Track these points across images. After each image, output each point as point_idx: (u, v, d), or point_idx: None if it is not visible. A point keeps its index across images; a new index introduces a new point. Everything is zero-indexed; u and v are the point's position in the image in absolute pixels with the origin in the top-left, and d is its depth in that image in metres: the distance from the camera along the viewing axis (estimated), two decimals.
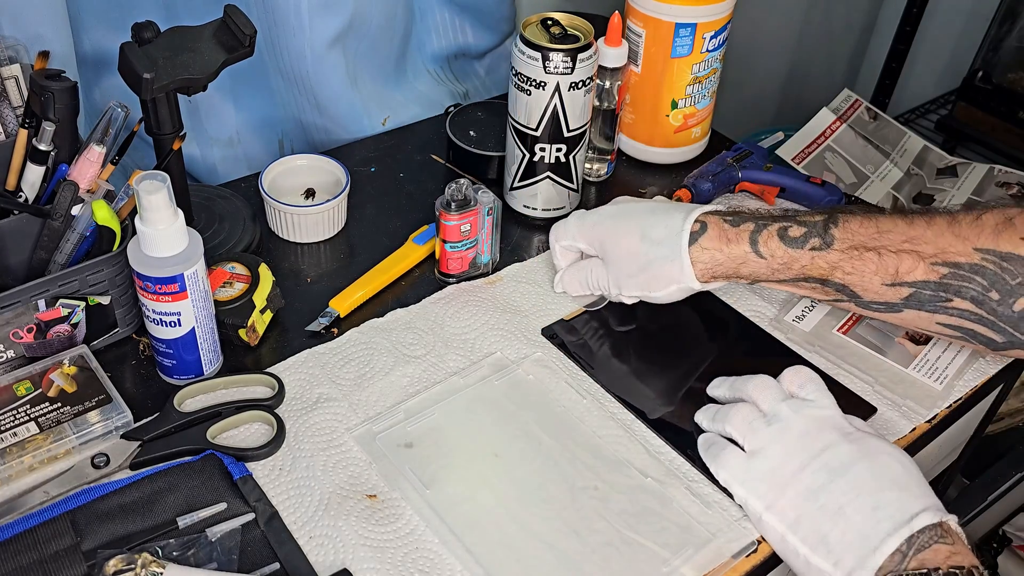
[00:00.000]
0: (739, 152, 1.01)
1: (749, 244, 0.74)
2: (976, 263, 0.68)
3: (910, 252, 0.70)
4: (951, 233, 0.69)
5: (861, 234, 0.71)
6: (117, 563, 0.60)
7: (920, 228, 0.70)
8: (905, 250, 0.70)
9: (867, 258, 0.71)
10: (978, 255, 0.68)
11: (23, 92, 0.80)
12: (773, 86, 1.78)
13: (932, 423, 0.77)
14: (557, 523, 0.67)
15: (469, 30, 1.17)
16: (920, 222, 0.70)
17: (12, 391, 0.71)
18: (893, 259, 0.70)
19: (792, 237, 0.73)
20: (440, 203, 0.83)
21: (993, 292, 0.68)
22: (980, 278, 0.68)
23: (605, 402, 0.76)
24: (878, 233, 0.71)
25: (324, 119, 1.06)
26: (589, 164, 1.01)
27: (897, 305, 0.72)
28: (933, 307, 0.71)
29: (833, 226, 0.72)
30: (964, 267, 0.69)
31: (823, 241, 0.72)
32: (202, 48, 0.77)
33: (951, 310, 0.70)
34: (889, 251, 0.70)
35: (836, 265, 0.72)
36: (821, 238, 0.72)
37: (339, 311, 0.83)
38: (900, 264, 0.70)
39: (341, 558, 0.64)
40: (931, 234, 0.69)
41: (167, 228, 0.67)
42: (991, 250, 0.68)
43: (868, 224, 0.71)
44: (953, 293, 0.69)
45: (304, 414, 0.74)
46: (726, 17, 0.97)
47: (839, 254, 0.71)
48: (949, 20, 1.77)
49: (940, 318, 0.71)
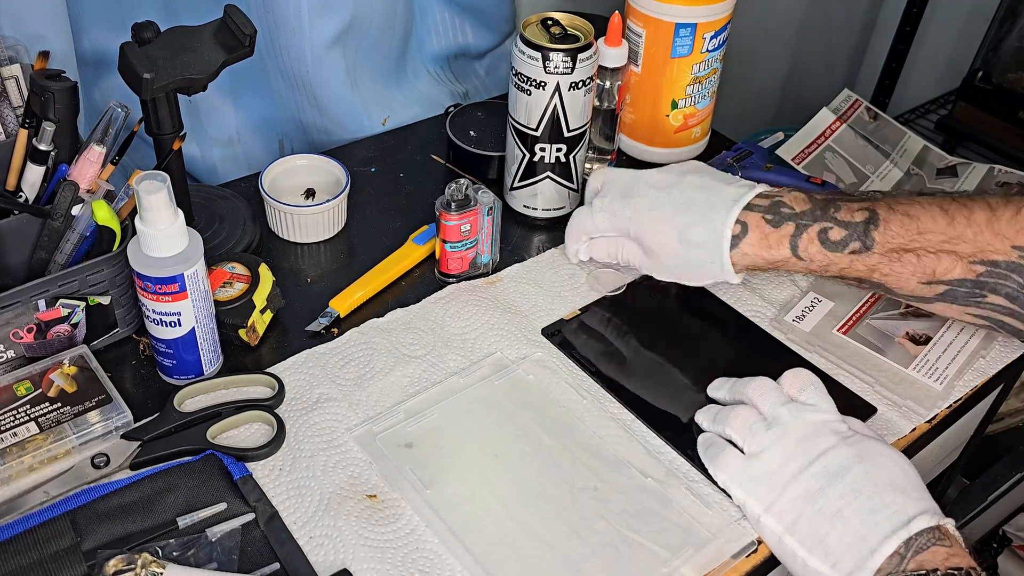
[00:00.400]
0: (739, 152, 1.01)
1: (790, 249, 0.74)
2: (1014, 261, 0.69)
3: (949, 252, 0.70)
4: (990, 231, 0.69)
5: (901, 236, 0.71)
6: (117, 563, 0.60)
7: (960, 226, 0.70)
8: (944, 250, 0.70)
9: (906, 259, 0.71)
10: (1016, 253, 0.69)
11: (23, 92, 0.80)
12: (773, 86, 1.78)
13: (932, 423, 0.76)
14: (557, 523, 0.67)
15: (469, 30, 1.17)
16: (960, 219, 0.70)
17: (12, 391, 0.71)
18: (932, 260, 0.70)
19: (833, 241, 0.73)
20: (440, 203, 0.83)
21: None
22: (1017, 275, 0.69)
23: (605, 402, 0.76)
24: (918, 234, 0.71)
25: (324, 119, 1.06)
26: (589, 164, 1.01)
27: (930, 299, 0.73)
28: (966, 302, 0.71)
29: (874, 228, 0.71)
30: (1001, 265, 0.69)
31: (863, 244, 0.72)
32: (202, 48, 0.77)
33: (984, 304, 0.71)
34: (928, 252, 0.70)
35: (874, 267, 0.72)
36: (861, 241, 0.72)
37: (339, 311, 0.83)
38: (938, 265, 0.70)
39: (341, 558, 0.64)
40: (971, 233, 0.70)
41: (167, 228, 0.67)
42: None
43: (909, 225, 0.71)
44: (989, 290, 0.70)
45: (304, 414, 0.74)
46: (726, 17, 0.97)
47: (878, 257, 0.72)
48: (949, 20, 1.77)
49: (971, 310, 0.72)
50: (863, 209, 0.73)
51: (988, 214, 0.70)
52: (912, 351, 0.81)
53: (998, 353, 0.82)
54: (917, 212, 0.71)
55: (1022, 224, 0.69)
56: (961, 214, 0.71)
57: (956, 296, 0.71)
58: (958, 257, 0.70)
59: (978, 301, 0.71)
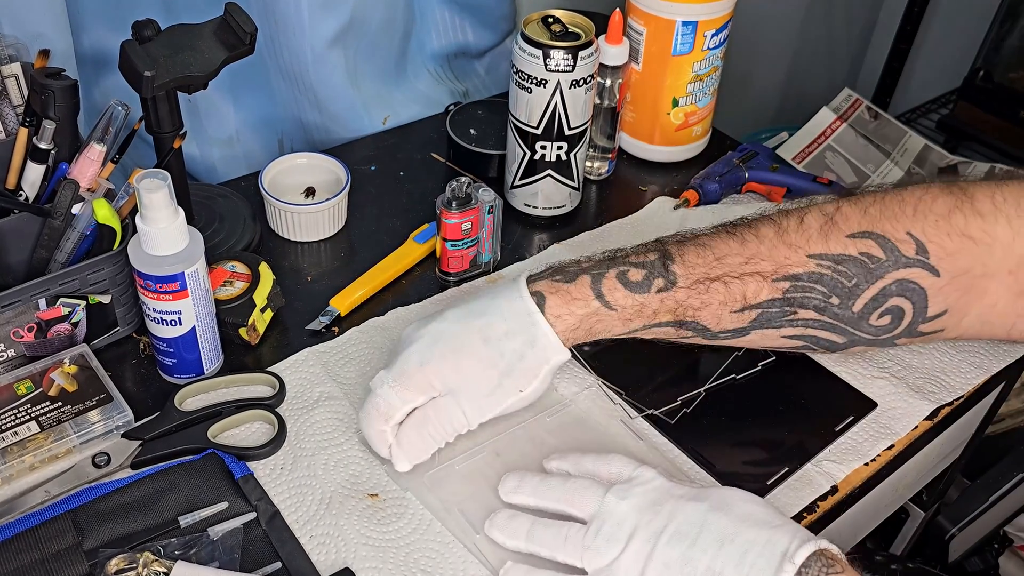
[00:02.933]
0: (745, 153, 1.01)
1: (595, 297, 0.67)
2: (813, 271, 0.67)
3: (752, 274, 0.68)
4: (783, 243, 0.68)
5: (701, 265, 0.68)
6: (119, 562, 0.60)
7: (752, 245, 0.68)
8: (747, 272, 0.68)
9: (713, 289, 0.68)
10: (813, 262, 0.67)
11: (23, 91, 0.79)
12: (774, 84, 1.78)
13: (933, 422, 0.76)
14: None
15: (469, 29, 1.16)
16: (750, 237, 0.68)
17: (13, 390, 0.71)
18: (739, 285, 0.68)
19: (635, 282, 0.68)
20: (441, 201, 0.83)
21: (833, 297, 0.68)
22: (820, 286, 0.67)
23: (608, 400, 0.76)
24: (716, 260, 0.68)
25: (324, 118, 1.06)
26: (590, 162, 1.01)
27: (745, 329, 0.70)
28: (779, 323, 0.69)
29: (671, 262, 0.68)
30: (803, 277, 0.67)
31: (667, 280, 0.68)
32: (203, 46, 0.77)
33: (796, 321, 0.69)
34: (732, 277, 0.68)
35: (685, 303, 0.68)
36: (664, 277, 0.68)
37: (340, 310, 0.83)
38: (746, 289, 0.68)
39: (343, 557, 0.64)
40: (765, 249, 0.68)
41: (168, 227, 0.67)
42: (824, 255, 0.67)
43: (704, 253, 0.68)
44: (797, 305, 0.68)
45: (305, 413, 0.74)
46: (727, 15, 0.97)
47: (686, 291, 0.68)
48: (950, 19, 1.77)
49: (786, 331, 0.70)
50: (652, 250, 0.70)
51: (775, 228, 0.68)
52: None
53: (998, 352, 0.82)
54: (706, 240, 0.69)
55: (809, 231, 0.68)
56: (749, 232, 0.69)
57: (770, 318, 0.69)
58: (762, 277, 0.67)
59: (790, 320, 0.69)
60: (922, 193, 0.68)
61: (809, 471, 0.72)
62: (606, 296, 0.68)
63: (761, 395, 0.77)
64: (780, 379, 0.78)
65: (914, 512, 1.13)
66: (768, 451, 0.73)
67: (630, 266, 0.68)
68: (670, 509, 0.60)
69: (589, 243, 0.93)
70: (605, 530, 0.60)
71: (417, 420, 0.67)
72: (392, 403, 0.66)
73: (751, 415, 0.76)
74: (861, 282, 0.67)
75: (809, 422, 0.75)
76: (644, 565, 0.58)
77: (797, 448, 0.73)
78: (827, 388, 0.78)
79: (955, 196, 0.68)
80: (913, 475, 0.87)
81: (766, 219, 0.70)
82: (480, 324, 0.67)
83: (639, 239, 0.93)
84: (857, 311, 0.68)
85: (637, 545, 0.59)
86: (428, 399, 0.67)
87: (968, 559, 1.24)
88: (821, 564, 0.55)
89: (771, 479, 0.70)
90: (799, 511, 0.69)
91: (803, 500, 0.70)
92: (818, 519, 0.70)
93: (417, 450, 0.67)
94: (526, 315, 0.67)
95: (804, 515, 0.69)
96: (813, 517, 0.69)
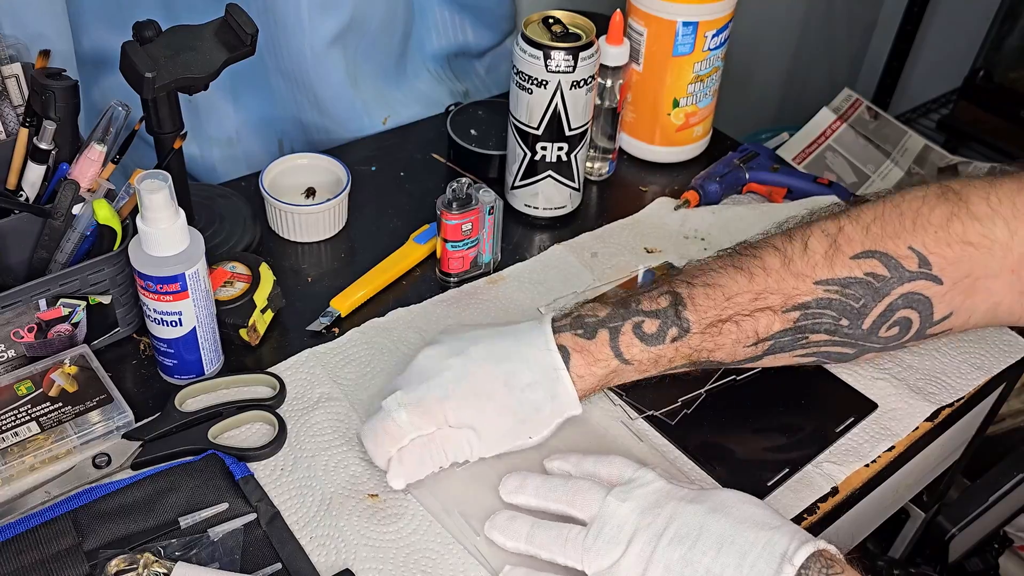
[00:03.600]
0: (746, 153, 1.01)
1: (614, 356, 0.69)
2: (821, 297, 0.68)
3: (763, 310, 0.68)
4: (790, 274, 0.68)
5: (712, 308, 0.69)
6: (119, 563, 0.60)
7: (760, 280, 0.69)
8: (758, 308, 0.68)
9: (726, 330, 0.69)
10: (820, 289, 0.68)
11: (24, 91, 0.79)
12: (774, 85, 1.78)
13: (934, 423, 0.76)
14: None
15: (469, 29, 1.16)
16: (757, 271, 0.69)
17: (13, 391, 0.71)
18: (750, 323, 0.69)
19: (650, 335, 0.69)
20: (441, 202, 0.83)
21: (843, 320, 0.69)
22: (829, 311, 0.68)
23: (610, 401, 0.76)
24: (727, 301, 0.69)
25: (324, 118, 1.06)
26: (590, 163, 1.01)
27: (759, 356, 0.71)
28: (792, 348, 0.70)
29: (683, 308, 0.69)
30: (811, 305, 0.68)
31: (680, 328, 0.69)
32: (203, 47, 0.77)
33: (808, 344, 0.70)
34: (743, 315, 0.68)
35: (699, 348, 0.69)
36: (678, 327, 0.69)
37: (340, 310, 0.83)
38: (758, 325, 0.69)
39: (343, 558, 0.64)
40: (773, 282, 0.68)
41: (168, 227, 0.67)
42: (830, 280, 0.68)
43: (714, 295, 0.69)
44: (809, 332, 0.69)
45: (305, 414, 0.74)
46: (728, 15, 0.97)
47: (700, 336, 0.69)
48: (951, 19, 1.77)
49: (798, 353, 0.71)
50: (663, 294, 0.70)
51: (779, 258, 0.69)
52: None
53: (999, 353, 0.82)
54: (715, 279, 0.69)
55: (814, 257, 0.69)
56: (756, 266, 0.69)
57: (782, 347, 0.70)
58: (772, 312, 0.68)
59: (803, 343, 0.70)
60: (919, 204, 0.69)
61: (809, 472, 0.72)
62: (624, 354, 0.69)
63: (761, 396, 0.77)
64: (780, 380, 0.78)
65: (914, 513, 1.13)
66: (768, 452, 0.73)
67: (644, 316, 0.69)
68: (670, 511, 0.60)
69: (590, 244, 0.93)
70: (606, 532, 0.60)
71: (423, 445, 0.67)
72: (404, 429, 0.67)
73: (751, 416, 0.76)
74: (869, 302, 0.68)
75: (809, 423, 0.75)
76: (645, 567, 0.58)
77: (797, 449, 0.73)
78: (827, 389, 0.77)
79: (951, 203, 0.69)
80: (913, 476, 0.87)
81: (769, 247, 0.70)
82: (505, 370, 0.68)
83: (639, 240, 0.93)
84: (867, 328, 0.70)
85: (638, 547, 0.59)
86: (438, 429, 0.67)
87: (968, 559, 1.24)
88: (820, 565, 0.55)
89: (771, 480, 0.70)
90: (799, 512, 0.69)
91: (803, 501, 0.70)
92: (818, 520, 0.70)
93: (416, 472, 0.67)
94: (552, 370, 0.68)
95: (804, 516, 0.69)
96: (814, 518, 0.69)
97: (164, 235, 0.67)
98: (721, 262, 0.71)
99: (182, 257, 0.69)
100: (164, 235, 0.67)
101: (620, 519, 0.60)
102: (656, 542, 0.58)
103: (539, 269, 0.89)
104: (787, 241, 0.70)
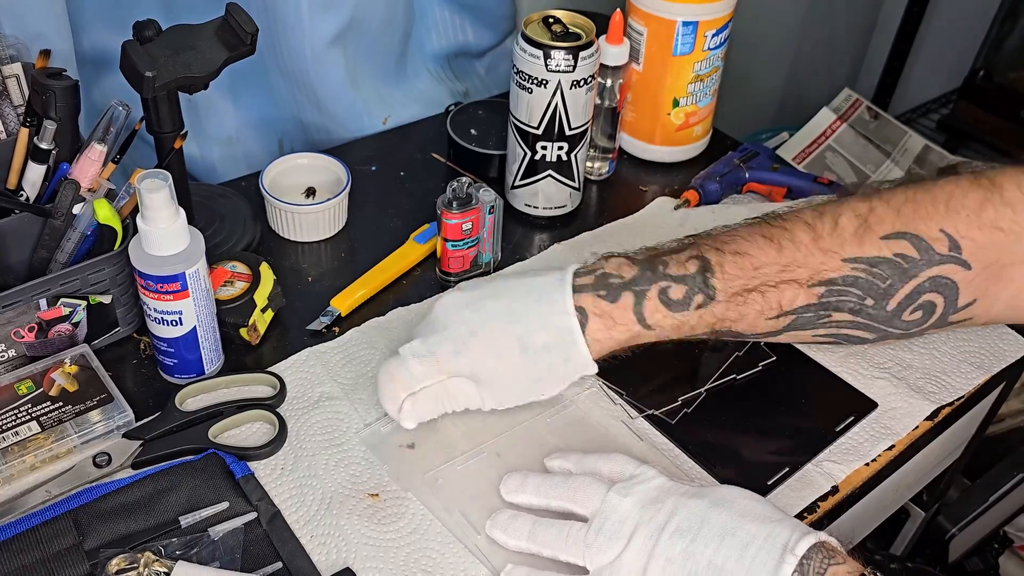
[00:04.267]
0: (746, 153, 1.01)
1: (636, 321, 0.68)
2: (848, 275, 0.68)
3: (788, 282, 0.68)
4: (818, 249, 0.68)
5: (740, 277, 0.68)
6: (120, 562, 0.60)
7: (789, 252, 0.68)
8: (784, 280, 0.68)
9: (751, 300, 0.69)
10: (848, 266, 0.68)
11: (24, 91, 0.79)
12: (774, 84, 1.78)
13: (934, 422, 0.76)
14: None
15: (469, 29, 1.17)
16: (786, 243, 0.69)
17: (13, 390, 0.71)
18: (775, 294, 0.69)
19: (676, 300, 0.68)
20: (441, 202, 0.83)
21: (868, 299, 0.69)
22: (855, 289, 0.68)
23: (609, 401, 0.76)
24: (754, 271, 0.68)
25: (324, 118, 1.06)
26: (590, 162, 1.01)
27: (778, 332, 0.71)
28: (813, 325, 0.70)
29: (711, 275, 0.68)
30: (838, 281, 0.68)
31: (706, 296, 0.68)
32: (203, 46, 0.77)
33: (829, 323, 0.70)
34: (769, 286, 0.68)
35: (723, 316, 0.69)
36: (704, 293, 0.68)
37: (340, 310, 0.83)
38: (782, 297, 0.69)
39: (344, 557, 0.64)
40: (801, 255, 0.68)
41: (169, 227, 0.67)
42: (858, 258, 0.68)
43: (742, 263, 0.68)
44: (832, 309, 0.69)
45: (306, 413, 0.74)
46: (728, 15, 0.97)
47: (724, 304, 0.69)
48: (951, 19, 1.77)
49: (818, 331, 0.71)
50: (692, 258, 0.69)
51: (810, 232, 0.69)
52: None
53: (999, 352, 0.82)
54: (745, 248, 0.69)
55: (844, 234, 0.68)
56: (785, 238, 0.69)
57: (804, 323, 0.70)
58: (798, 284, 0.68)
59: (824, 322, 0.70)
60: (952, 188, 0.69)
61: (809, 471, 0.72)
62: (647, 319, 0.68)
63: (761, 395, 0.77)
64: (780, 379, 0.78)
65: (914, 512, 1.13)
66: (768, 451, 0.73)
67: (671, 281, 0.69)
68: (671, 505, 0.60)
69: (590, 243, 0.93)
70: (607, 527, 0.60)
71: (436, 392, 0.69)
72: (417, 377, 0.68)
73: (751, 415, 0.76)
74: (896, 282, 0.68)
75: (809, 422, 0.75)
76: (647, 561, 0.58)
77: (797, 448, 0.73)
78: (827, 388, 0.78)
79: (984, 188, 0.69)
80: (913, 475, 0.87)
81: (800, 221, 0.70)
82: (520, 330, 0.68)
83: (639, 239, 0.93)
84: (891, 310, 0.70)
85: (639, 541, 0.59)
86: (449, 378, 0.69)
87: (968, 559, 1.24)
88: (822, 556, 0.56)
89: (771, 479, 0.70)
90: (799, 511, 0.69)
91: (803, 500, 0.70)
92: (818, 519, 0.70)
93: (428, 414, 0.70)
94: (567, 333, 0.68)
95: (804, 515, 0.69)
96: (814, 517, 0.69)
97: (164, 234, 0.67)
98: (750, 231, 0.71)
99: (182, 256, 0.69)
100: (164, 234, 0.67)
101: (621, 514, 0.60)
102: (658, 536, 0.58)
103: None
104: (817, 217, 0.70)
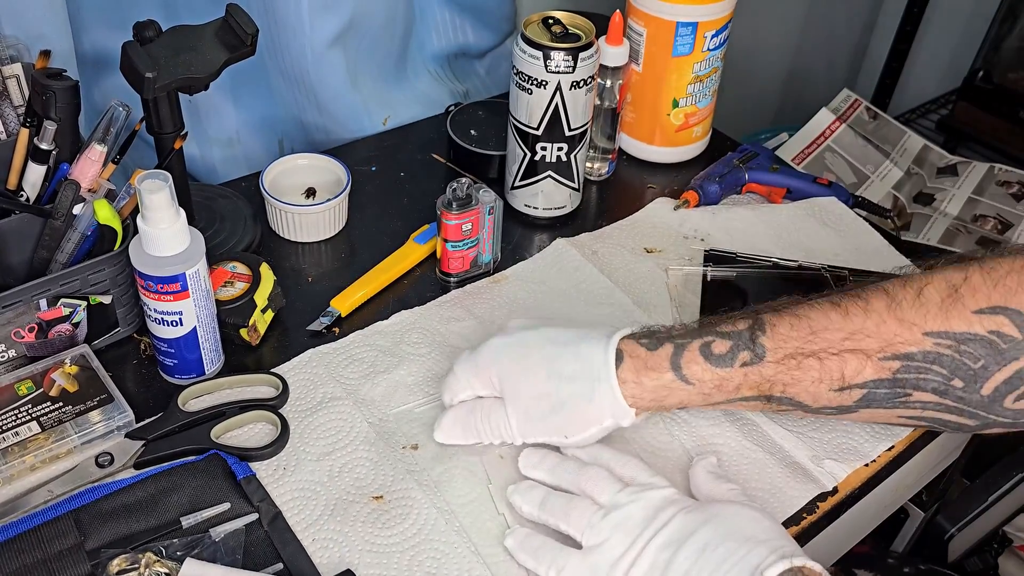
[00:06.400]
0: (745, 153, 1.01)
1: (672, 370, 0.65)
2: (930, 351, 0.61)
3: (853, 351, 0.62)
4: (894, 319, 0.62)
5: (794, 339, 0.63)
6: (121, 562, 0.60)
7: (858, 319, 0.63)
8: (847, 349, 0.62)
9: (807, 365, 0.63)
10: (930, 341, 0.61)
11: (24, 91, 0.79)
12: (774, 85, 1.78)
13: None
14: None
15: (469, 29, 1.17)
16: (856, 311, 0.63)
17: (13, 390, 0.71)
18: (836, 362, 0.63)
19: (718, 355, 0.64)
20: (441, 202, 0.83)
21: (956, 380, 0.62)
22: (938, 367, 0.61)
23: None
24: (812, 334, 0.63)
25: (324, 119, 1.06)
26: (590, 163, 1.01)
27: (852, 407, 0.65)
28: (891, 404, 0.64)
29: (761, 334, 0.64)
30: (917, 357, 0.62)
31: (753, 354, 0.64)
32: (204, 47, 0.77)
33: (912, 404, 0.63)
34: (830, 354, 0.63)
35: (773, 379, 0.64)
36: (751, 351, 0.64)
37: (340, 310, 0.83)
38: (845, 367, 0.63)
39: (346, 559, 0.64)
40: (871, 324, 0.62)
41: (169, 227, 0.67)
42: (944, 332, 0.61)
43: (799, 325, 0.64)
44: (911, 387, 0.63)
45: (308, 414, 0.74)
46: (727, 16, 0.97)
47: (774, 366, 0.63)
48: (950, 20, 1.77)
49: (901, 412, 0.65)
50: (745, 318, 0.66)
51: (886, 300, 0.63)
52: None
53: None
54: (805, 312, 0.64)
55: (927, 305, 0.61)
56: (856, 305, 0.63)
57: (878, 399, 0.64)
58: (865, 355, 0.62)
59: (904, 401, 0.63)
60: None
61: (810, 471, 0.72)
62: (683, 369, 0.65)
63: None
64: None
65: (914, 512, 1.13)
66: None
67: (716, 336, 0.65)
68: (668, 516, 0.61)
69: (589, 243, 0.93)
70: (612, 517, 0.61)
71: (468, 408, 0.70)
72: (460, 383, 0.70)
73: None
74: (990, 364, 0.61)
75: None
76: (632, 561, 0.59)
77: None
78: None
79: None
80: (913, 476, 0.87)
81: (879, 289, 0.64)
82: (552, 355, 0.67)
83: (639, 240, 0.94)
84: (986, 394, 0.62)
85: (630, 540, 0.60)
86: (490, 395, 0.69)
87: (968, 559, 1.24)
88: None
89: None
90: (799, 511, 0.69)
91: (803, 500, 0.70)
92: (818, 519, 0.70)
93: (456, 435, 0.70)
94: (599, 367, 0.65)
95: (804, 515, 0.69)
96: (813, 517, 0.69)
97: (165, 235, 0.67)
98: (821, 297, 0.66)
99: (183, 257, 0.69)
100: (165, 235, 0.67)
101: (627, 512, 0.62)
102: (647, 542, 0.60)
103: (542, 269, 0.89)
104: (900, 286, 0.64)
